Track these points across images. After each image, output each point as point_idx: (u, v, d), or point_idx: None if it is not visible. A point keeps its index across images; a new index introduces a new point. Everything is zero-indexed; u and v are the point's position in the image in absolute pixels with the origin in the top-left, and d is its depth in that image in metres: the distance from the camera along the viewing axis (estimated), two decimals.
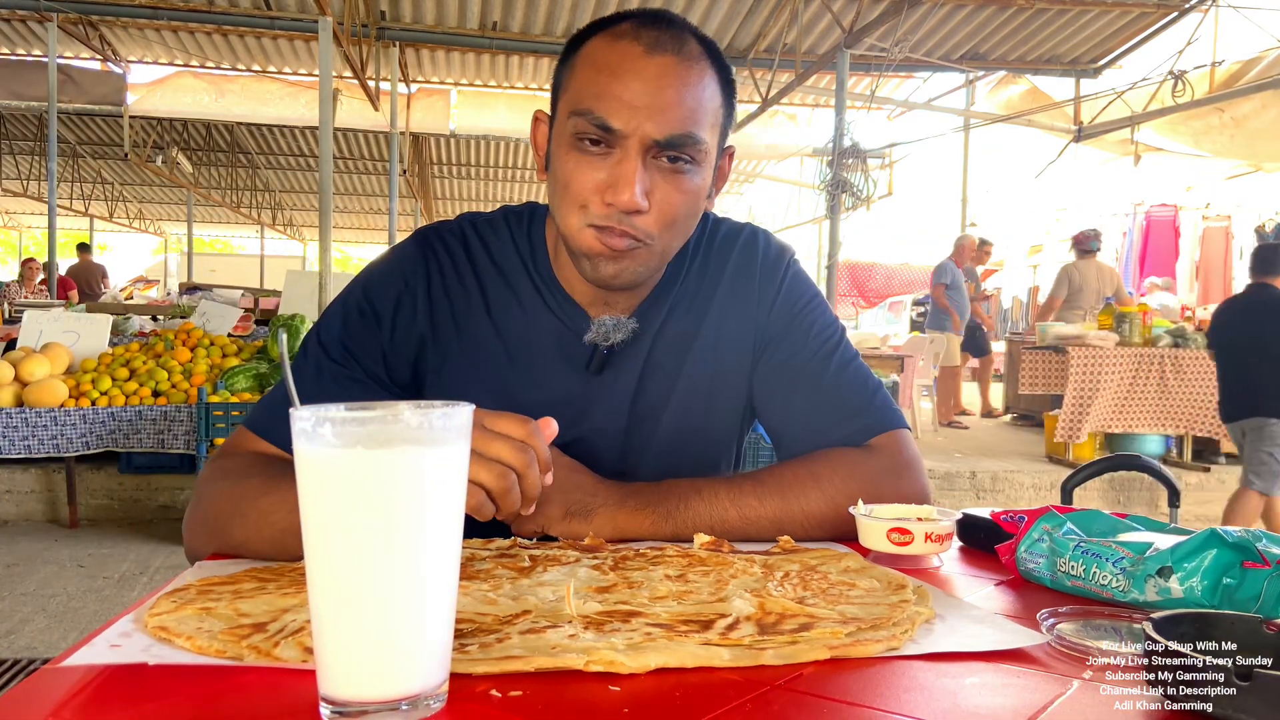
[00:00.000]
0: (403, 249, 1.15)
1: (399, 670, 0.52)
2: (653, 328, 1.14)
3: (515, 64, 9.86)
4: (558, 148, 1.02)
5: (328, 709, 0.52)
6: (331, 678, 0.52)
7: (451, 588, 0.54)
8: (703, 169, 1.02)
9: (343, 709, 0.51)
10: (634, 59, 0.97)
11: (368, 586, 0.51)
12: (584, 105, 0.98)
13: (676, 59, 0.98)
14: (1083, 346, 6.03)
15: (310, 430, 0.52)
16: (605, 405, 1.12)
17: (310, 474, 0.52)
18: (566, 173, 1.00)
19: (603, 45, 1.00)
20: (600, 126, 0.97)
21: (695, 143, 0.99)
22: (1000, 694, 0.58)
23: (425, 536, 0.52)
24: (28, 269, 10.88)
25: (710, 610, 0.70)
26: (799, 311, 1.18)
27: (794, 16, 8.16)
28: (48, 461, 4.91)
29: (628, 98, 0.96)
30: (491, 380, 1.11)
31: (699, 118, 0.99)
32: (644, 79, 0.97)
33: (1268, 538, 0.74)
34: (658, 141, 0.97)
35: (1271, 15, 7.61)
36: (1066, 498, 1.89)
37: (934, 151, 11.53)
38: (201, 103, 9.98)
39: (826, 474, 1.04)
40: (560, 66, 1.06)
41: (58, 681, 0.56)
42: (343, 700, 0.51)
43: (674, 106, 0.97)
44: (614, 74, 0.97)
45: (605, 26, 1.02)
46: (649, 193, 0.98)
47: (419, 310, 1.11)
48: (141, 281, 15.72)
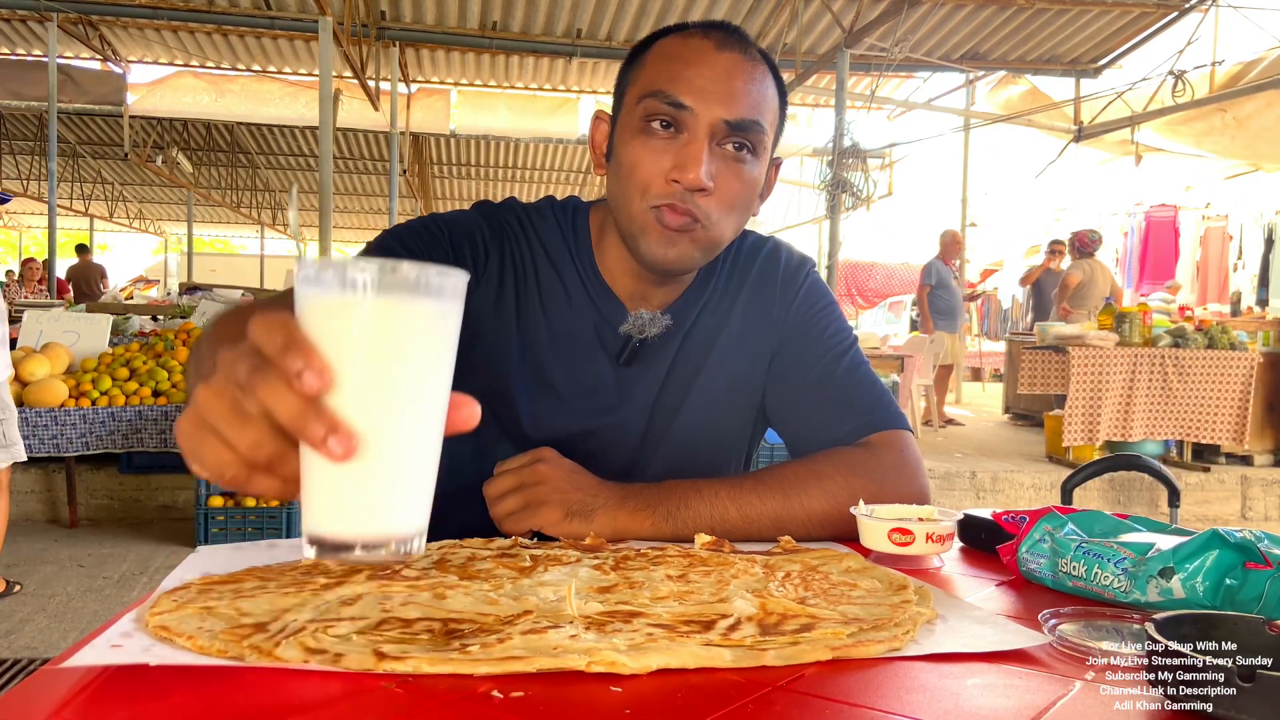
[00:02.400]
0: (469, 216, 1.16)
1: (383, 511, 0.54)
2: (683, 327, 1.17)
3: (515, 64, 9.86)
4: (623, 135, 1.06)
5: (311, 549, 0.53)
6: (317, 517, 0.53)
7: (436, 440, 0.56)
8: (760, 163, 1.07)
9: (328, 545, 0.53)
10: (705, 52, 1.03)
11: (358, 428, 0.52)
12: (656, 87, 1.02)
13: (744, 56, 1.04)
14: (1083, 346, 6.03)
15: (314, 276, 0.53)
16: (630, 398, 1.15)
17: (310, 318, 0.53)
18: (633, 158, 1.03)
19: (674, 42, 1.06)
20: (673, 104, 1.01)
21: (760, 130, 1.04)
22: (1002, 695, 0.58)
23: (414, 386, 0.54)
24: (28, 269, 10.88)
25: (712, 611, 0.70)
26: (814, 315, 1.21)
27: (794, 16, 8.16)
28: (47, 461, 4.91)
29: (700, 82, 1.01)
30: (529, 357, 1.13)
31: (763, 109, 1.04)
32: (715, 69, 1.02)
33: (1269, 538, 0.74)
34: (728, 122, 1.01)
35: (1271, 15, 7.62)
36: (1067, 498, 1.89)
37: (934, 151, 11.54)
38: (201, 103, 9.98)
39: (827, 472, 1.05)
40: (625, 69, 1.10)
41: (58, 681, 0.56)
42: (329, 537, 0.53)
43: (742, 94, 1.02)
44: (686, 62, 1.03)
45: (672, 32, 1.08)
46: (713, 176, 1.02)
47: (488, 268, 1.12)
48: (141, 281, 15.74)
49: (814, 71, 8.53)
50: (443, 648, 0.60)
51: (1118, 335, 6.24)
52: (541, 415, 1.13)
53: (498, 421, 1.13)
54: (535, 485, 0.99)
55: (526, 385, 1.13)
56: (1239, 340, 6.22)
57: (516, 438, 1.12)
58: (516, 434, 1.12)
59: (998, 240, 15.89)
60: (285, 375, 0.50)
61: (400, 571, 0.77)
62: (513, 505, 0.98)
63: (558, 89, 10.60)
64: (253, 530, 4.39)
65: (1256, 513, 6.03)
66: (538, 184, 15.93)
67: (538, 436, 1.11)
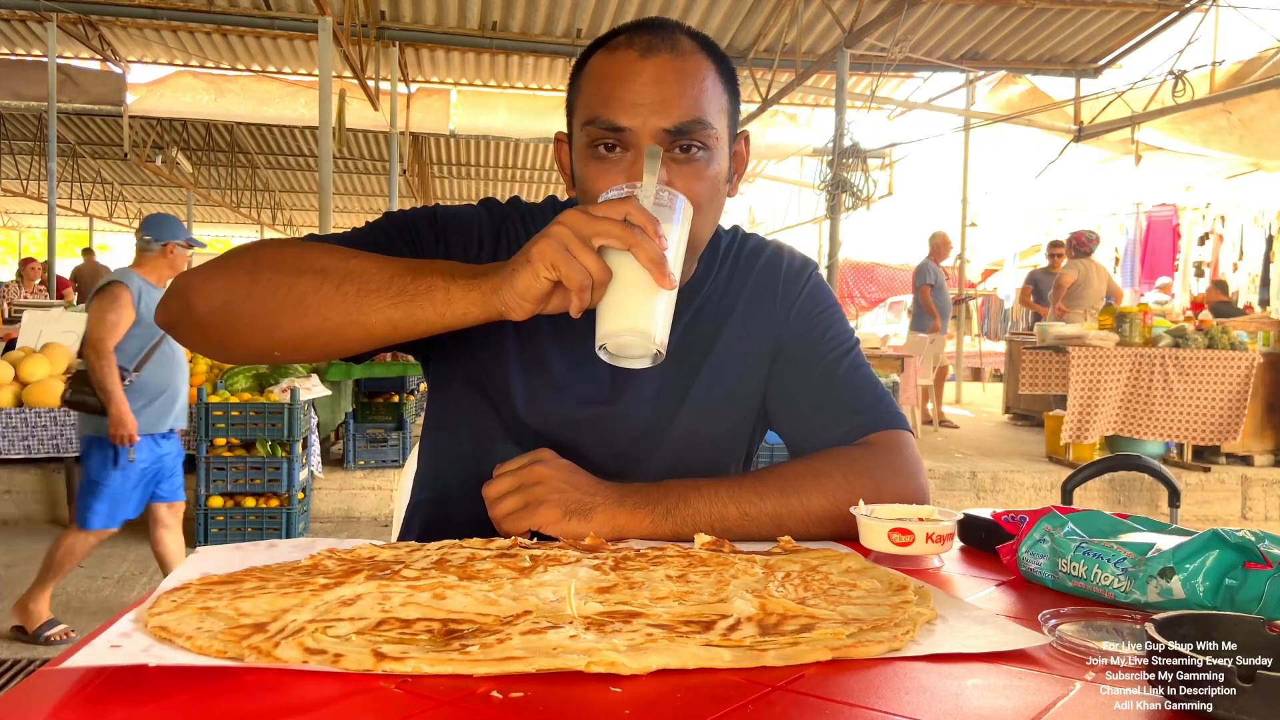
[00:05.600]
0: (472, 209, 1.19)
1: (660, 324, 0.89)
2: (681, 321, 1.16)
3: (515, 64, 9.86)
4: (578, 161, 1.07)
5: (601, 349, 0.91)
6: (616, 322, 0.88)
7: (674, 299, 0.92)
8: (717, 155, 1.06)
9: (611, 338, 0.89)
10: (631, 64, 1.03)
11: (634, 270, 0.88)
12: (592, 114, 1.03)
13: (671, 56, 1.03)
14: (1083, 346, 6.03)
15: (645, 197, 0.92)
16: (628, 391, 1.14)
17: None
18: (589, 182, 1.05)
19: (601, 60, 1.06)
20: (610, 129, 1.01)
21: (705, 127, 1.03)
22: (1002, 695, 0.58)
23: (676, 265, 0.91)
24: (27, 269, 10.88)
25: (711, 611, 0.70)
26: (815, 316, 1.21)
27: (794, 16, 8.16)
28: (48, 462, 4.91)
29: (630, 98, 1.01)
30: (527, 345, 1.14)
31: (703, 104, 1.03)
32: (643, 79, 1.02)
33: (1269, 538, 0.74)
34: (667, 130, 1.01)
35: (1272, 15, 7.63)
36: (1067, 498, 1.89)
37: (934, 151, 11.53)
38: (201, 103, 9.98)
39: (827, 471, 1.05)
40: (569, 91, 1.11)
41: (58, 681, 0.56)
42: (623, 330, 0.88)
43: (676, 98, 1.02)
44: (616, 79, 1.03)
45: (603, 43, 1.08)
46: (669, 184, 1.01)
47: (481, 258, 1.14)
48: None
49: (814, 71, 8.53)
50: (442, 648, 0.60)
51: (1118, 335, 6.24)
52: (536, 401, 1.13)
53: (494, 409, 1.14)
54: (534, 485, 0.99)
55: (522, 372, 1.14)
56: (1239, 340, 6.23)
57: (512, 424, 1.13)
58: (511, 419, 1.13)
59: (998, 240, 15.89)
60: (654, 235, 0.86)
61: (400, 572, 0.77)
62: (511, 505, 0.98)
63: (558, 89, 10.60)
64: (252, 530, 4.39)
65: (1256, 513, 6.03)
66: (538, 184, 15.92)
67: (532, 423, 1.12)
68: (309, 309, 0.93)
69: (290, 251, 0.98)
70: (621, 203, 0.86)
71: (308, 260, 0.95)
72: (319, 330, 0.94)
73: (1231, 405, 5.94)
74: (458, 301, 0.90)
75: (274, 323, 0.96)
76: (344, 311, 0.92)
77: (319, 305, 0.93)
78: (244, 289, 0.97)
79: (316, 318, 0.93)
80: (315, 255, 0.96)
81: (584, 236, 0.84)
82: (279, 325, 0.96)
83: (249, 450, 4.48)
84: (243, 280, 0.97)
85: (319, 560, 0.82)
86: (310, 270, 0.94)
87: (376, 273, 0.92)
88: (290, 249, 0.99)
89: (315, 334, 0.95)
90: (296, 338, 0.97)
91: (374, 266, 0.93)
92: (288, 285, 0.94)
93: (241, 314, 0.97)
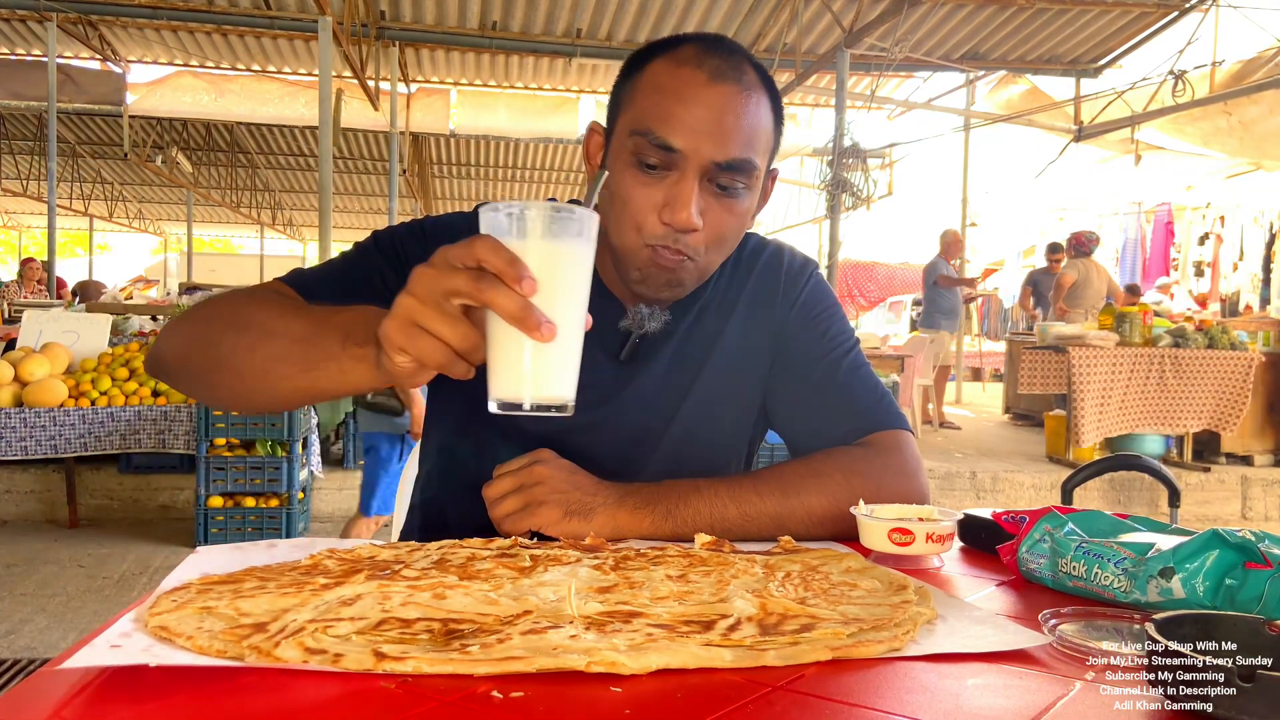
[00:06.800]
0: (464, 217, 1.16)
1: (555, 380, 0.75)
2: (683, 325, 1.17)
3: (515, 64, 9.85)
4: (615, 163, 1.05)
5: (495, 405, 0.76)
6: (506, 386, 0.75)
7: (582, 335, 0.77)
8: (753, 192, 1.07)
9: (510, 405, 0.75)
10: (697, 86, 1.01)
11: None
12: (646, 126, 1.01)
13: (738, 88, 1.02)
14: (1083, 346, 6.03)
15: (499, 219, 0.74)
16: (630, 395, 1.15)
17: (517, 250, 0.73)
18: (625, 191, 1.04)
19: (666, 69, 1.04)
20: (661, 147, 1.00)
21: (751, 167, 1.03)
22: (1002, 695, 0.58)
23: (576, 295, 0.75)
24: (27, 269, 10.87)
25: (712, 611, 0.70)
26: (816, 316, 1.21)
27: (794, 16, 8.15)
28: (47, 462, 4.91)
29: (690, 122, 1.00)
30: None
31: (754, 144, 1.03)
32: (706, 106, 1.01)
33: (1269, 538, 0.74)
34: (717, 164, 1.01)
35: (1272, 15, 7.62)
36: (1067, 498, 1.89)
37: (934, 151, 11.53)
38: (201, 103, 9.97)
39: (827, 471, 1.06)
40: (620, 83, 1.09)
41: (58, 681, 0.56)
42: (512, 399, 0.75)
43: (734, 133, 1.01)
44: (678, 98, 1.01)
45: (667, 48, 1.06)
46: (703, 213, 1.02)
47: None
48: (141, 281, 15.70)
49: (814, 71, 8.53)
50: (442, 648, 0.60)
51: (1118, 335, 6.24)
52: None
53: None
54: (534, 486, 0.99)
55: None
56: (1239, 340, 6.23)
57: (509, 427, 1.12)
58: (509, 422, 1.12)
59: (998, 240, 15.89)
60: (512, 281, 0.69)
61: (400, 571, 0.77)
62: (512, 506, 0.98)
63: (557, 89, 10.60)
64: (252, 530, 4.39)
65: (1256, 513, 6.03)
66: (538, 184, 15.91)
67: (531, 424, 1.11)
68: (240, 369, 0.92)
69: (240, 307, 0.97)
70: (470, 246, 0.71)
71: (244, 317, 0.94)
72: (252, 391, 0.93)
73: (1231, 400, 5.95)
74: (350, 373, 0.84)
75: (213, 382, 0.97)
76: (260, 377, 0.91)
77: (244, 368, 0.92)
78: (193, 344, 0.98)
79: (248, 379, 0.92)
80: (253, 312, 0.94)
81: (435, 301, 0.72)
82: (217, 385, 0.97)
83: (249, 450, 4.48)
84: (194, 335, 0.98)
85: (319, 560, 0.82)
86: (248, 328, 0.93)
87: (285, 337, 0.89)
88: (241, 304, 0.98)
89: (250, 395, 0.95)
90: (231, 398, 0.98)
91: (295, 326, 0.89)
92: (226, 343, 0.94)
93: (192, 367, 0.98)
